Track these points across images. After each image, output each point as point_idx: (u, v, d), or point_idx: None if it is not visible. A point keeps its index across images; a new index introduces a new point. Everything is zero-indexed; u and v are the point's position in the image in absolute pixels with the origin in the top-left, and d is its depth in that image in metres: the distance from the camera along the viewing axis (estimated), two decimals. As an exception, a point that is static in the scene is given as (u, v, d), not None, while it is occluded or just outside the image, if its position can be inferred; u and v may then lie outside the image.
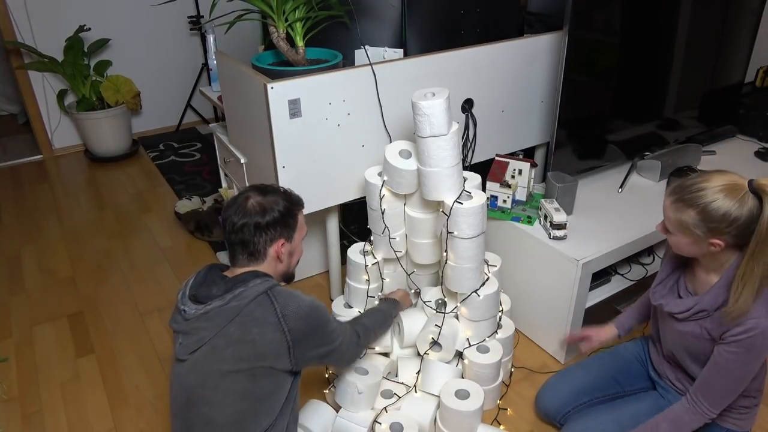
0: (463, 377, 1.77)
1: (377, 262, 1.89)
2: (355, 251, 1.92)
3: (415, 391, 1.72)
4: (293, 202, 1.35)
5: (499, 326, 1.84)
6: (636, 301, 1.71)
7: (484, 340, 1.78)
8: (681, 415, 1.37)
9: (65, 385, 1.97)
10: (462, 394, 1.62)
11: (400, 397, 1.70)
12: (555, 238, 1.87)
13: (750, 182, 1.19)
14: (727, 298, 1.26)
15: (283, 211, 1.31)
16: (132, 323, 2.25)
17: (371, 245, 1.94)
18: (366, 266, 1.86)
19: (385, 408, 1.66)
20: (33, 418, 1.84)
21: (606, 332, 1.68)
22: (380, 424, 1.59)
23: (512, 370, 1.95)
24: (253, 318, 1.19)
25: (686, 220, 1.24)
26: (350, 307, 1.95)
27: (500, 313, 1.92)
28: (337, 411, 1.66)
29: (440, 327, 1.72)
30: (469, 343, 1.76)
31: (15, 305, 2.37)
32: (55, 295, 2.42)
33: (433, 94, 1.58)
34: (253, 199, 1.30)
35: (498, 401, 1.84)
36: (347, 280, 1.95)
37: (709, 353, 1.34)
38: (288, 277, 1.41)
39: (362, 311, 1.90)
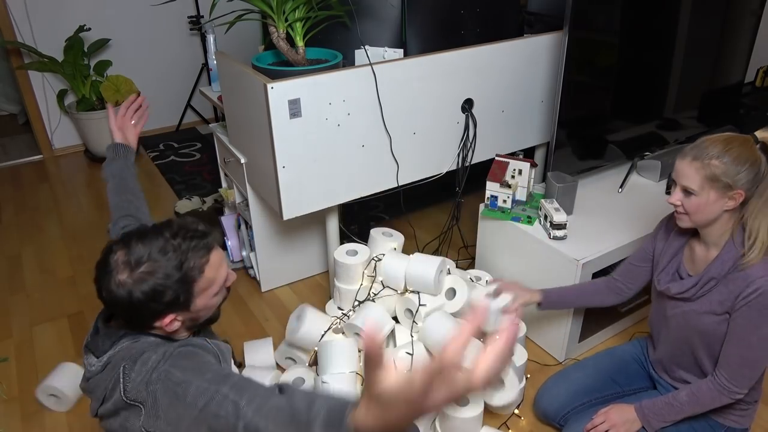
0: None
1: (364, 263, 1.89)
2: (341, 252, 1.92)
3: None
4: (187, 261, 1.00)
5: None
6: (572, 286, 1.73)
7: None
8: (701, 385, 1.38)
9: (65, 385, 1.97)
10: (462, 401, 1.62)
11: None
12: (555, 238, 1.87)
13: (754, 136, 1.28)
14: (733, 263, 1.30)
15: (152, 294, 0.98)
16: (132, 323, 2.24)
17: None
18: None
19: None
20: (33, 418, 1.84)
21: (529, 294, 1.68)
22: None
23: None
24: (117, 380, 1.01)
25: (714, 172, 1.26)
26: (341, 309, 1.94)
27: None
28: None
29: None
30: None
31: (15, 305, 2.37)
32: (55, 295, 2.42)
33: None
34: (119, 271, 0.99)
35: (516, 409, 1.81)
36: (335, 281, 1.94)
37: (718, 332, 1.35)
38: (205, 323, 1.14)
39: (349, 315, 1.89)
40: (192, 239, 1.02)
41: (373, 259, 1.90)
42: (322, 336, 1.82)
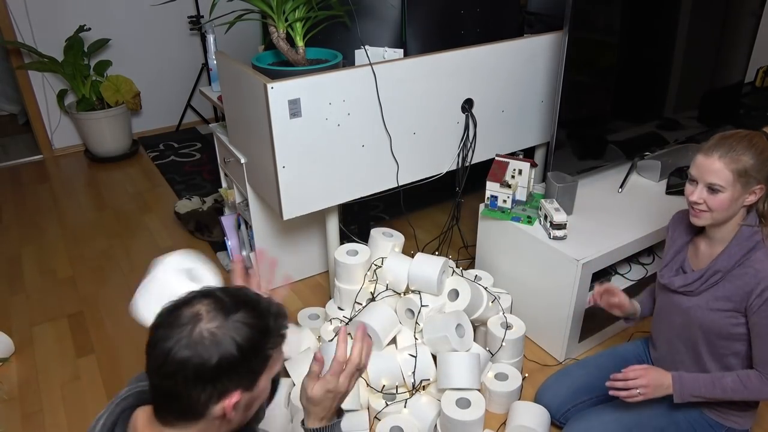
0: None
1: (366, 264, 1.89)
2: (342, 252, 1.92)
3: (416, 392, 1.72)
4: (268, 331, 0.86)
5: (509, 326, 1.86)
6: (647, 289, 1.69)
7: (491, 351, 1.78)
8: (749, 374, 1.34)
9: (65, 385, 1.97)
10: (463, 403, 1.62)
11: (390, 402, 1.70)
12: (555, 238, 1.87)
13: (764, 133, 1.30)
14: (740, 257, 1.30)
15: (248, 349, 0.83)
16: (132, 323, 2.23)
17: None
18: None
19: (376, 416, 1.66)
20: (33, 418, 1.84)
21: (628, 301, 1.61)
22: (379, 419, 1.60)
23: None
24: None
25: (744, 166, 1.26)
26: (342, 309, 1.95)
27: (506, 316, 1.93)
28: None
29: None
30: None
31: (15, 305, 2.37)
32: (55, 295, 2.42)
33: None
34: (206, 321, 0.82)
35: None
36: (336, 281, 1.94)
37: (724, 329, 1.35)
38: (238, 430, 0.95)
39: (348, 315, 1.89)
40: (273, 303, 0.91)
41: (373, 263, 1.91)
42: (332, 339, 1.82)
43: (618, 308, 1.60)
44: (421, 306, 1.74)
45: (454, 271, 1.90)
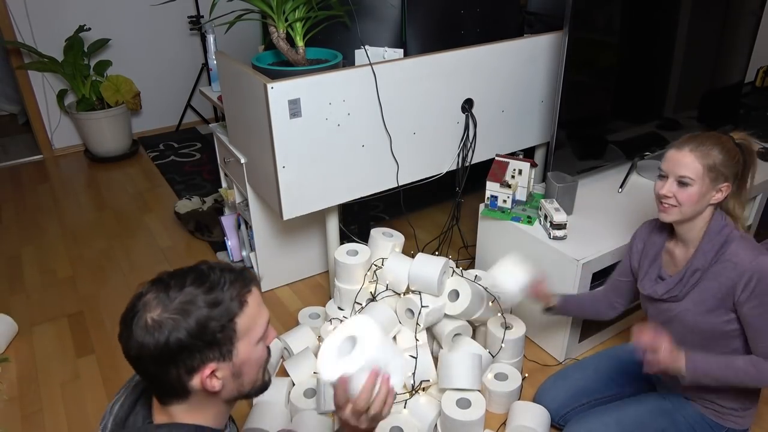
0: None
1: (366, 264, 1.89)
2: (342, 252, 1.92)
3: (416, 393, 1.72)
4: (220, 303, 0.86)
5: (509, 326, 1.87)
6: (584, 294, 1.72)
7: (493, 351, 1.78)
8: (760, 359, 1.32)
9: (65, 385, 1.97)
10: (463, 403, 1.62)
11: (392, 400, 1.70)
12: (555, 238, 1.87)
13: (731, 137, 1.35)
14: (715, 253, 1.32)
15: (196, 328, 0.83)
16: (132, 323, 2.24)
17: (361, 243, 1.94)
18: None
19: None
20: (33, 418, 1.84)
21: (548, 293, 1.69)
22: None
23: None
24: None
25: (714, 161, 1.30)
26: (342, 309, 1.95)
27: (506, 316, 1.93)
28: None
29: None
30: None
31: (15, 305, 2.36)
32: (55, 295, 2.42)
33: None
34: (150, 309, 0.84)
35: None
36: (336, 281, 1.95)
37: (714, 326, 1.35)
38: (250, 394, 0.96)
39: (348, 316, 1.89)
40: (230, 272, 0.90)
41: (373, 264, 1.91)
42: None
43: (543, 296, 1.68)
44: (421, 306, 1.74)
45: (454, 271, 1.90)
